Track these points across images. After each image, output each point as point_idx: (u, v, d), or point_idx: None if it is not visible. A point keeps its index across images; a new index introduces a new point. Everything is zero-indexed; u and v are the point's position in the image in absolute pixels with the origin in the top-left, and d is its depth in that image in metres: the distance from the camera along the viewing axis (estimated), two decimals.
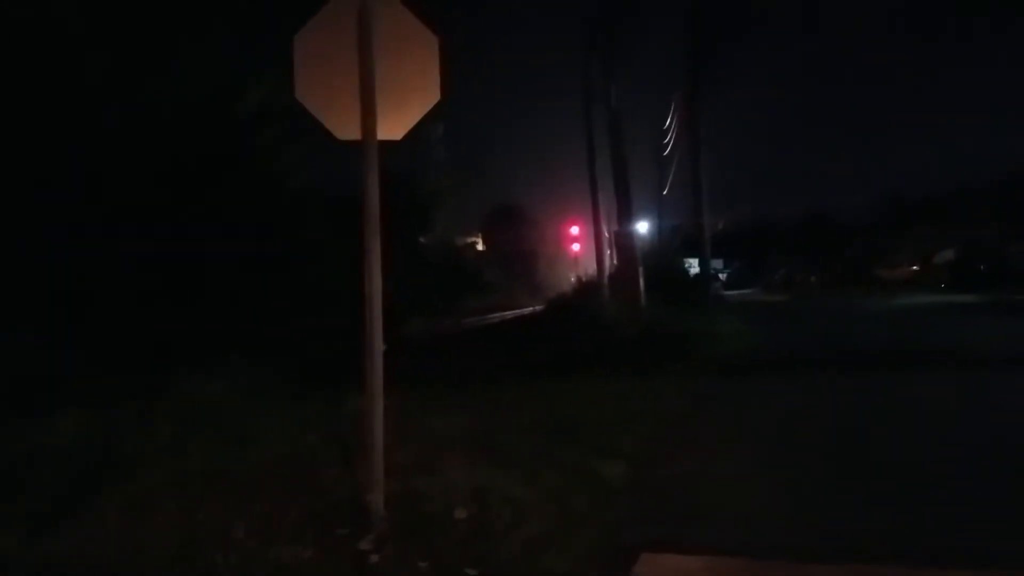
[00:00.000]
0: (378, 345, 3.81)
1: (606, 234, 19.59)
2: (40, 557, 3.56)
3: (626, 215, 17.26)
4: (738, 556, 3.64)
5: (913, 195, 56.79)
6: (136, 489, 4.35)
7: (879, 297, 29.01)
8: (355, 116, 3.89)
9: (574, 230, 28.99)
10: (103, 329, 7.92)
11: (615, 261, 19.12)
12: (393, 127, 4.02)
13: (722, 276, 51.24)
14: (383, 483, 3.80)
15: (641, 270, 17.23)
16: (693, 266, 30.04)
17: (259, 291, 9.50)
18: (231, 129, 9.77)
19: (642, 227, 30.64)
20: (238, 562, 3.46)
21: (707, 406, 7.96)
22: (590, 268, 21.28)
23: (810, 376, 9.72)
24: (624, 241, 17.68)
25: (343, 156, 4.06)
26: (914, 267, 42.23)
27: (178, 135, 9.01)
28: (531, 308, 27.85)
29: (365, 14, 3.90)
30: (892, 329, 15.95)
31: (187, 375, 6.89)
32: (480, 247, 51.54)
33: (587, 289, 18.96)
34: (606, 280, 18.37)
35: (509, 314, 28.40)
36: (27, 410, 5.73)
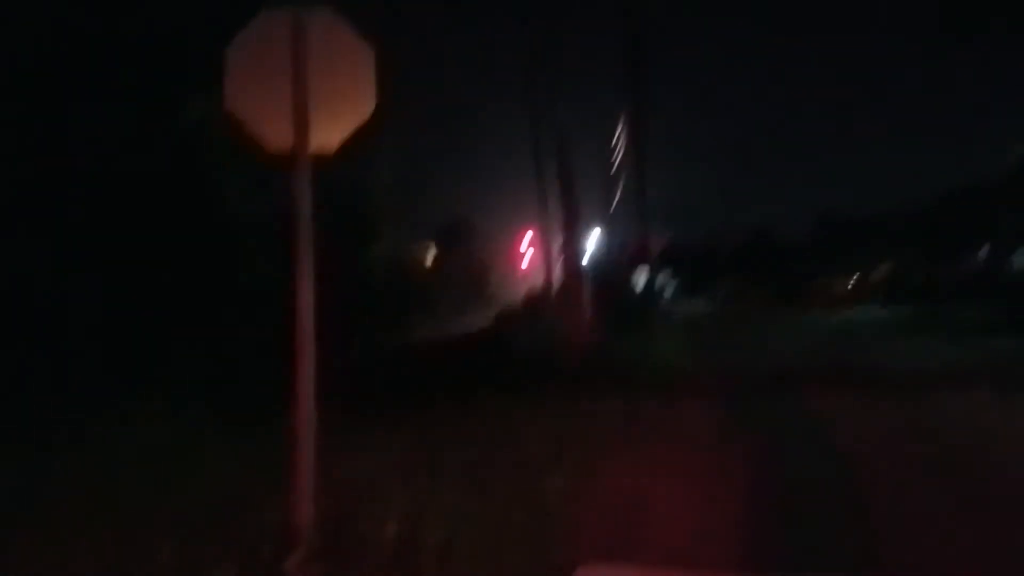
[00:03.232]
0: (309, 363, 3.73)
1: (554, 250, 19.71)
2: None
3: (572, 230, 17.40)
4: (673, 567, 3.67)
5: (851, 215, 58.62)
6: (60, 517, 4.19)
7: (818, 312, 29.80)
8: (288, 129, 3.83)
9: (524, 244, 29.10)
10: (23, 357, 7.60)
11: (563, 276, 19.24)
12: (326, 140, 3.96)
13: (667, 291, 52.04)
14: (312, 503, 3.71)
15: (587, 285, 17.36)
16: (639, 281, 30.43)
17: (194, 313, 9.26)
18: (169, 145, 9.53)
19: (590, 243, 30.94)
20: None
21: (644, 425, 7.91)
22: (539, 282, 21.36)
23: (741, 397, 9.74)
24: (570, 257, 17.81)
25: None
26: (851, 284, 43.52)
27: (110, 152, 8.75)
28: (480, 322, 27.79)
29: (298, 25, 3.85)
30: (829, 345, 16.36)
31: (115, 398, 6.67)
32: (429, 262, 51.29)
33: (535, 304, 19.04)
34: (553, 295, 18.46)
35: (457, 329, 28.28)
36: None
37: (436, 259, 51.27)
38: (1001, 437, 6.47)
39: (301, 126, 3.82)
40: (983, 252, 36.09)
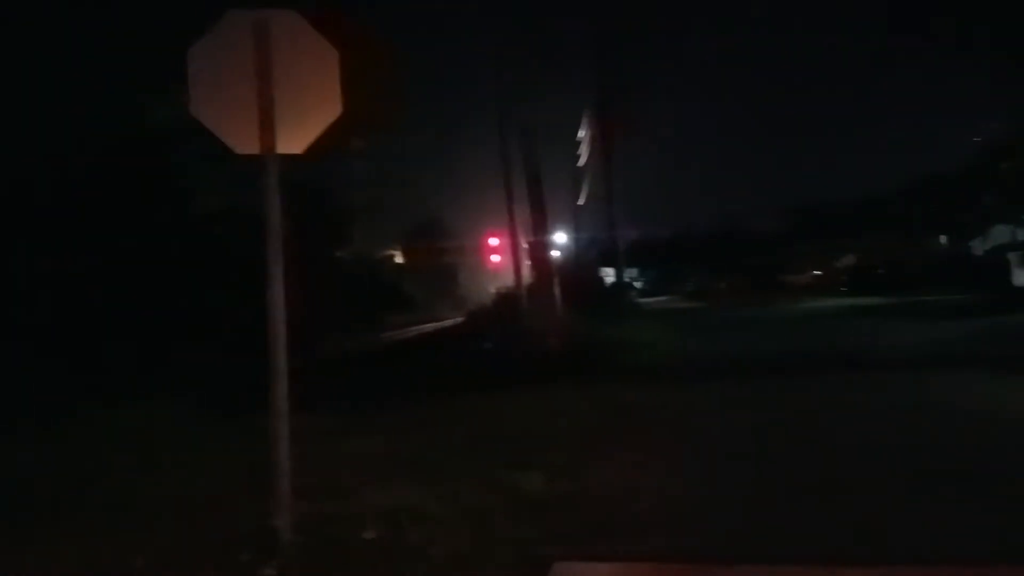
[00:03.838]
0: (282, 364, 3.72)
1: (524, 246, 19.73)
2: None
3: (541, 227, 17.43)
4: (648, 561, 3.71)
5: (817, 205, 59.50)
6: (34, 521, 4.13)
7: (784, 302, 30.23)
8: (253, 130, 3.82)
9: (493, 242, 29.05)
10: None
11: (533, 272, 19.27)
12: (294, 142, 3.95)
13: (637, 285, 52.43)
14: (290, 506, 3.70)
15: (557, 281, 17.40)
16: (609, 275, 30.61)
17: (174, 312, 9.15)
18: (139, 146, 9.40)
19: (559, 238, 31.02)
20: None
21: (621, 418, 7.99)
22: (510, 280, 21.36)
23: (717, 382, 9.94)
24: (540, 253, 17.85)
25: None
26: (817, 272, 44.24)
27: (80, 152, 8.62)
28: (452, 321, 27.76)
29: (261, 27, 3.83)
30: (793, 334, 16.62)
31: (91, 401, 6.58)
32: (399, 260, 51.06)
33: (506, 301, 19.03)
34: (524, 291, 18.48)
35: (429, 327, 28.23)
36: None
37: (407, 258, 51.10)
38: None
39: (267, 128, 3.81)
40: (943, 240, 36.91)
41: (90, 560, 3.62)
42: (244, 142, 3.88)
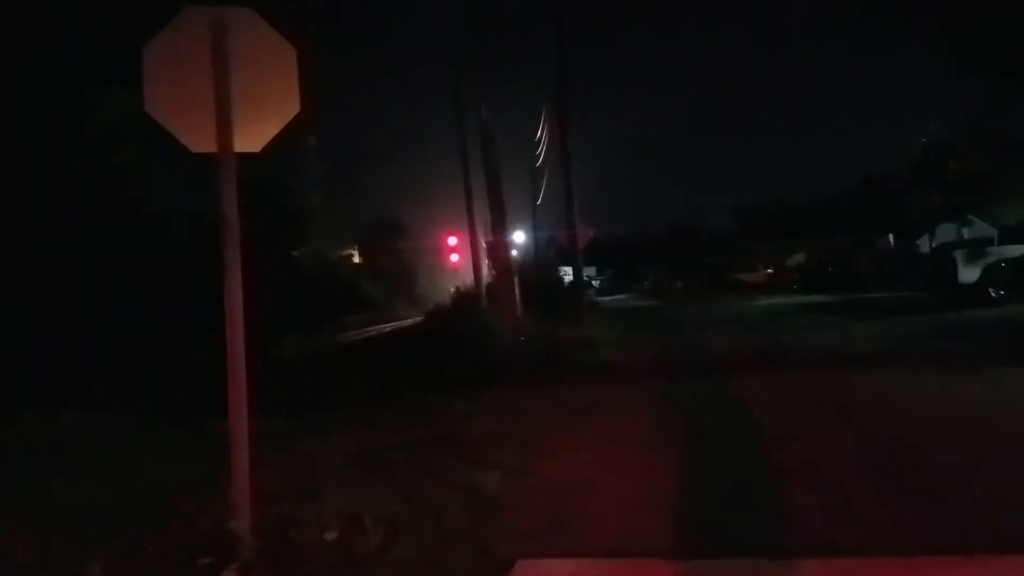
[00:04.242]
0: (241, 365, 3.68)
1: (483, 245, 19.75)
2: None
3: (500, 226, 17.47)
4: (611, 558, 3.75)
5: (769, 205, 60.74)
6: None
7: (738, 300, 30.75)
8: (210, 129, 3.76)
9: (452, 241, 28.98)
10: None
11: (492, 271, 19.29)
12: (251, 140, 3.91)
13: (595, 284, 52.87)
14: (249, 509, 3.66)
15: (516, 279, 17.45)
16: (568, 274, 30.76)
17: (121, 314, 8.95)
18: (82, 148, 9.16)
19: (518, 237, 31.11)
20: None
21: (578, 416, 8.03)
22: (469, 279, 21.35)
23: (667, 381, 10.00)
24: (499, 251, 17.88)
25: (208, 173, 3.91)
26: (769, 271, 45.10)
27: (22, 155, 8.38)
28: (411, 320, 27.63)
29: (219, 25, 3.78)
30: (752, 330, 16.95)
31: (44, 405, 6.40)
32: (357, 260, 50.64)
33: (465, 300, 19.01)
34: (483, 290, 18.49)
35: (388, 327, 28.06)
36: None
37: (365, 257, 50.68)
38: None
39: (224, 126, 3.76)
40: (889, 239, 37.95)
41: (45, 565, 3.53)
42: (200, 140, 3.83)
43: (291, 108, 3.94)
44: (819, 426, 6.30)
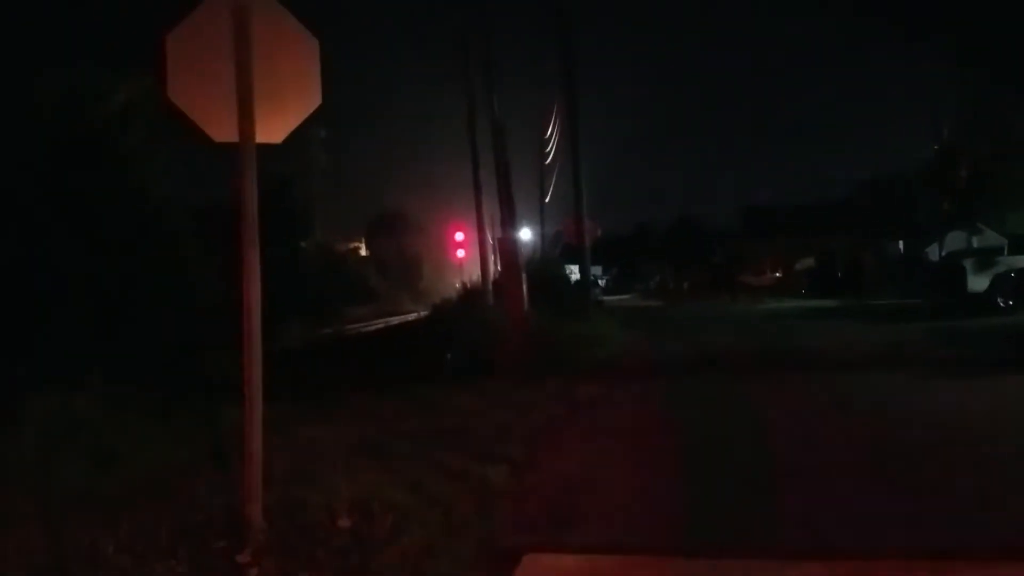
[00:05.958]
0: (257, 354, 3.72)
1: (490, 241, 19.76)
2: None
3: (509, 222, 17.44)
4: (618, 553, 3.79)
5: (777, 205, 60.56)
6: None
7: (745, 303, 30.71)
8: (232, 118, 3.79)
9: (459, 236, 28.99)
10: None
11: (499, 267, 19.29)
12: (272, 131, 3.94)
13: (601, 282, 52.82)
14: (262, 494, 3.71)
15: (524, 276, 17.45)
16: (574, 272, 30.72)
17: (125, 301, 8.98)
18: (92, 131, 9.19)
19: (526, 234, 31.09)
20: None
21: (584, 411, 8.06)
22: (475, 274, 21.37)
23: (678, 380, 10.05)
24: (507, 248, 17.87)
25: (212, 164, 3.94)
26: (777, 274, 45.02)
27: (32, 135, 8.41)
28: (416, 314, 27.69)
29: (241, 15, 3.80)
30: (759, 333, 16.94)
31: (50, 389, 6.43)
32: (363, 252, 50.75)
33: (472, 295, 19.03)
34: (490, 286, 18.50)
35: (393, 320, 28.14)
36: None
37: (371, 250, 50.74)
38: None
39: (246, 117, 3.79)
40: (900, 245, 37.78)
41: (58, 549, 3.57)
42: (222, 130, 3.86)
43: (313, 100, 3.97)
44: (825, 429, 6.32)
